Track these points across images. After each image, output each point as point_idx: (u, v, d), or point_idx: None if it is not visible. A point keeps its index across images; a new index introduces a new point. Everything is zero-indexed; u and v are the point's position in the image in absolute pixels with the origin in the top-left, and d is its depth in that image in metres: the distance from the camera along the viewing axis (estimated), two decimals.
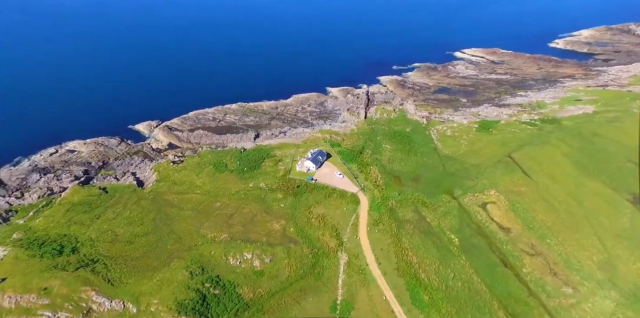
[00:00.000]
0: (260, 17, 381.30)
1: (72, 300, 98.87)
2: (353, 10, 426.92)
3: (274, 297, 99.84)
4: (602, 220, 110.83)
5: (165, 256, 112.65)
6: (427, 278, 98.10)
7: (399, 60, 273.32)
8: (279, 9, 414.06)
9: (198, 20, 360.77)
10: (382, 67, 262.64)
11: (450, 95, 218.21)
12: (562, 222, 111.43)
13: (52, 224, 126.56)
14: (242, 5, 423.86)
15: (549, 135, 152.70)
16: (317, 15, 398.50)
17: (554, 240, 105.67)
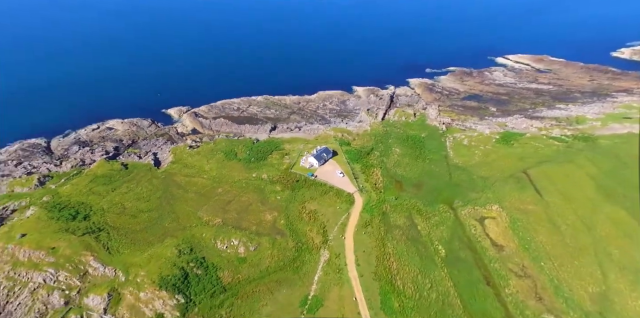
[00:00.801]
0: (302, 14, 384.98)
1: (73, 262, 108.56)
2: (397, 9, 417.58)
3: (251, 284, 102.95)
4: (610, 250, 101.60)
5: (161, 233, 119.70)
6: (402, 286, 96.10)
7: (435, 63, 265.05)
8: (321, 6, 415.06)
9: (240, 17, 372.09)
10: (415, 69, 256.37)
11: (479, 102, 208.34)
12: (564, 246, 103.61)
13: (75, 192, 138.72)
14: (287, 2, 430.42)
15: (577, 154, 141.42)
16: (358, 14, 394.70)
17: (549, 264, 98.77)
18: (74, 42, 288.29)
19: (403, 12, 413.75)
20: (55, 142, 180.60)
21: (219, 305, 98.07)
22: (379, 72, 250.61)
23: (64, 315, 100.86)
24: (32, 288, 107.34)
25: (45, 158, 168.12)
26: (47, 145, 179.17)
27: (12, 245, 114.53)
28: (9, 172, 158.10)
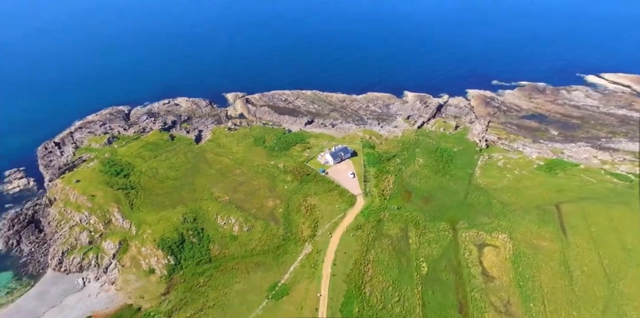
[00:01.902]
0: (374, 14, 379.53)
1: (103, 210, 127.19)
2: (475, 13, 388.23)
3: (233, 261, 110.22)
4: (626, 310, 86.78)
5: (177, 200, 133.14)
6: (369, 293, 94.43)
7: (506, 75, 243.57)
8: (393, 8, 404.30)
9: (312, 14, 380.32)
10: (481, 79, 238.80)
11: (541, 123, 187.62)
12: (568, 293, 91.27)
13: (127, 153, 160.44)
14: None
15: (638, 197, 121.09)
16: (433, 17, 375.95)
17: (539, 306, 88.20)
18: (166, 33, 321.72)
19: (482, 15, 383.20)
20: (134, 111, 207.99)
21: (200, 273, 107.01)
22: (437, 78, 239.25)
23: (86, 252, 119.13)
24: (71, 225, 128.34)
25: (122, 123, 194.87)
26: (128, 112, 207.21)
27: (68, 187, 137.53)
28: (94, 130, 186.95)
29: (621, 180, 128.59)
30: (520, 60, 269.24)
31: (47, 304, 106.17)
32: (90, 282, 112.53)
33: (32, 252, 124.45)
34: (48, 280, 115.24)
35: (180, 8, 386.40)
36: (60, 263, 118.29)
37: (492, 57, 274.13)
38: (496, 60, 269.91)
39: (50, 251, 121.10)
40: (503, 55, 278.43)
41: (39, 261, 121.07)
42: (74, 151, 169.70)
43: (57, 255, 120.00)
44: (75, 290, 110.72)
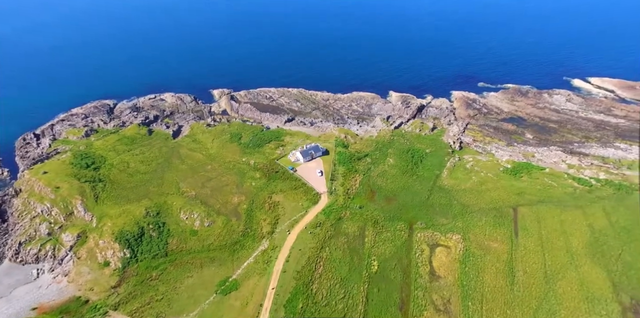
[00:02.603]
0: (366, 12, 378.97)
1: (65, 202, 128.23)
2: (466, 14, 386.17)
3: (189, 256, 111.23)
4: (557, 310, 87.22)
5: (143, 194, 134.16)
6: (316, 290, 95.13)
7: (493, 77, 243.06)
8: (387, 7, 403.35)
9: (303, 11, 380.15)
10: (468, 80, 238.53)
11: (518, 126, 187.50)
12: (507, 293, 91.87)
13: (102, 146, 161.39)
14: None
15: (594, 201, 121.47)
16: (424, 18, 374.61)
17: (476, 305, 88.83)
18: (161, 31, 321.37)
19: (473, 16, 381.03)
20: (120, 105, 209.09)
21: (155, 266, 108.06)
22: (424, 79, 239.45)
23: (43, 243, 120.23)
24: (33, 216, 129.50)
25: (104, 116, 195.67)
26: (113, 106, 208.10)
27: (34, 178, 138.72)
28: (75, 123, 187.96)
29: (581, 185, 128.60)
30: (510, 63, 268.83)
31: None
32: (45, 273, 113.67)
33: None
34: (3, 271, 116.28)
35: (177, 7, 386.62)
36: (17, 254, 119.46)
37: (481, 59, 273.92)
38: (485, 62, 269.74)
39: (9, 242, 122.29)
40: (492, 57, 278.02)
41: None
42: (50, 143, 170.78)
43: (15, 245, 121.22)
44: (28, 281, 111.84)
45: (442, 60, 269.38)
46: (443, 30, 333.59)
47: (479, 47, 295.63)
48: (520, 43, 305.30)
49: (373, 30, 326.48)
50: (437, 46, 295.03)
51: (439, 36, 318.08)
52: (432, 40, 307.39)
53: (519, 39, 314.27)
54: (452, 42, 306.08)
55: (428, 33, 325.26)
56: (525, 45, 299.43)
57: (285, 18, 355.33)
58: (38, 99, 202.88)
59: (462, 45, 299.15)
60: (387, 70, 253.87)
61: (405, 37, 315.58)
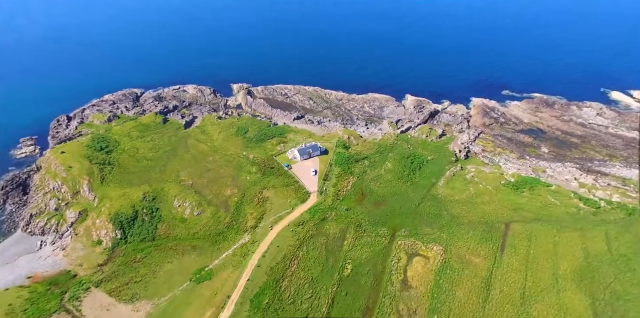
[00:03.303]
0: (392, 14, 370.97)
1: (75, 181, 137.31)
2: (496, 17, 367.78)
3: (174, 242, 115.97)
4: None
5: (145, 179, 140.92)
6: (285, 288, 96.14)
7: (521, 85, 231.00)
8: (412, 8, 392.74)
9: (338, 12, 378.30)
10: (492, 88, 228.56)
11: (536, 139, 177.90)
12: (477, 311, 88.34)
13: (119, 132, 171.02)
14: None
15: (597, 225, 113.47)
16: (451, 19, 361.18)
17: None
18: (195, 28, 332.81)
19: (503, 19, 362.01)
20: (147, 94, 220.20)
21: (141, 249, 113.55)
22: (445, 84, 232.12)
23: (50, 218, 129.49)
24: (46, 191, 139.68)
25: (129, 104, 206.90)
26: (140, 95, 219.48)
27: (53, 157, 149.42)
28: (103, 108, 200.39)
29: (588, 206, 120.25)
30: (542, 70, 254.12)
31: (2, 262, 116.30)
32: (47, 245, 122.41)
33: (12, 212, 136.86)
34: (14, 240, 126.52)
35: (209, 7, 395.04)
36: (27, 225, 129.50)
37: (511, 65, 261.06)
38: (514, 69, 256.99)
39: (23, 213, 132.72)
40: (524, 64, 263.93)
41: (14, 221, 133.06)
42: (77, 126, 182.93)
43: (27, 217, 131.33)
44: (32, 251, 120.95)
45: (468, 65, 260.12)
46: (473, 33, 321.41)
47: (511, 53, 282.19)
48: (557, 49, 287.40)
49: (398, 32, 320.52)
50: (465, 50, 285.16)
51: (468, 39, 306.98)
52: (460, 43, 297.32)
53: (556, 45, 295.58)
54: (483, 46, 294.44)
55: (456, 35, 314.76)
56: (564, 52, 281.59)
57: (314, 19, 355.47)
58: (79, 85, 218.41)
59: (493, 49, 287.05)
60: (408, 73, 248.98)
61: (432, 39, 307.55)
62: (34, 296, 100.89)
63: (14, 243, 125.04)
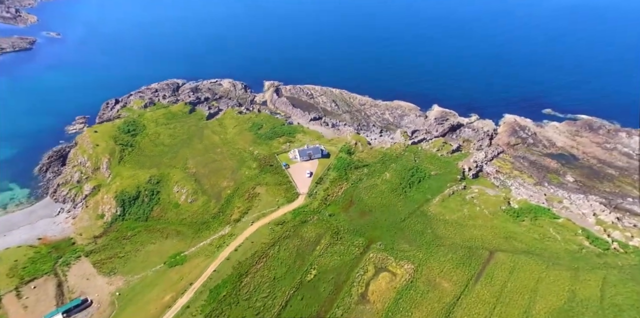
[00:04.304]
0: (436, 20, 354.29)
1: (97, 158, 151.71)
2: (552, 26, 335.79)
3: (162, 225, 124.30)
4: None
5: (157, 163, 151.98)
6: (245, 284, 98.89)
7: (567, 104, 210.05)
8: (455, 13, 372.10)
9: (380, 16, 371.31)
10: (532, 105, 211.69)
11: (563, 165, 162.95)
12: None
13: (149, 117, 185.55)
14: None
15: (597, 267, 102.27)
16: (500, 27, 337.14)
17: None
18: (245, 27, 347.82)
19: (562, 29, 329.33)
20: (187, 84, 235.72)
21: (132, 228, 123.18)
22: (481, 97, 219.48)
23: (72, 188, 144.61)
24: (74, 164, 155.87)
25: (168, 92, 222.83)
26: (181, 85, 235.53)
27: (87, 135, 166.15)
28: (145, 95, 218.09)
29: (594, 245, 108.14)
30: (598, 89, 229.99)
31: (27, 221, 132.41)
32: (63, 212, 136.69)
33: (49, 179, 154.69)
34: (43, 204, 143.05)
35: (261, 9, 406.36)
36: (54, 193, 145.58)
37: (562, 80, 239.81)
38: (564, 85, 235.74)
39: (54, 181, 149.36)
40: (577, 79, 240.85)
41: (47, 187, 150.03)
42: (119, 109, 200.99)
43: (55, 186, 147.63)
44: (51, 216, 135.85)
45: (510, 78, 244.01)
46: (522, 41, 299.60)
47: (564, 65, 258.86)
48: (621, 63, 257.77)
49: (440, 39, 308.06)
50: (510, 60, 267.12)
51: (516, 48, 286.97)
52: (506, 52, 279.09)
53: (621, 57, 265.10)
54: (532, 56, 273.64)
55: (504, 43, 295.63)
56: (629, 67, 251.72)
57: (357, 25, 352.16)
58: (135, 74, 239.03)
59: (543, 61, 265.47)
60: (441, 82, 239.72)
61: (475, 47, 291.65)
62: (36, 256, 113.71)
63: (42, 207, 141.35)
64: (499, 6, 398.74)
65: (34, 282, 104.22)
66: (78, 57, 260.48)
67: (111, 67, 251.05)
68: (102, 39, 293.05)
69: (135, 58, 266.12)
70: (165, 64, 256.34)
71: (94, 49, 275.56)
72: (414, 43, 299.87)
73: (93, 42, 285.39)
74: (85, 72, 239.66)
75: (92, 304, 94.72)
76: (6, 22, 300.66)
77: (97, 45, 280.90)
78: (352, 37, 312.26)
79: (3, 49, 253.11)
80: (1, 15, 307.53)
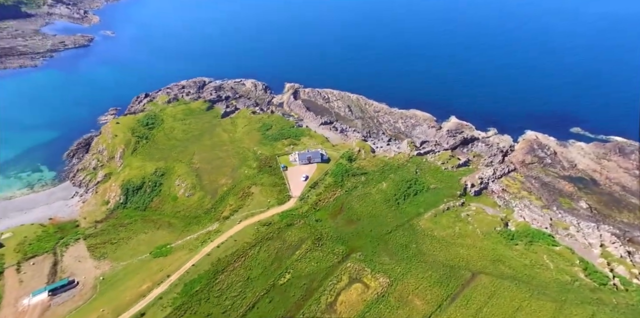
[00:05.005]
0: (472, 33, 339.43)
1: (114, 148, 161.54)
2: (593, 35, 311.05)
3: (158, 216, 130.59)
4: None
5: (164, 156, 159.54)
6: (219, 281, 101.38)
7: (601, 124, 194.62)
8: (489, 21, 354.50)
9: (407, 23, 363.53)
10: (560, 122, 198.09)
11: (580, 190, 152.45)
12: None
13: (169, 112, 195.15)
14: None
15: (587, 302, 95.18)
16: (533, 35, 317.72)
17: None
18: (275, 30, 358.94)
19: (602, 39, 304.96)
20: (212, 83, 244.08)
21: (130, 216, 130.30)
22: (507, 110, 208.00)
23: (87, 174, 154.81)
24: (93, 152, 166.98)
25: (193, 90, 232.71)
26: (207, 83, 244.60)
27: (110, 125, 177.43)
28: (172, 91, 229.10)
29: (590, 279, 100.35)
30: None
31: (45, 201, 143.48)
32: (77, 196, 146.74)
33: (73, 164, 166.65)
34: (63, 187, 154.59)
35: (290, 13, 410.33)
36: (73, 177, 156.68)
37: (600, 97, 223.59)
38: (600, 102, 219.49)
39: (76, 166, 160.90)
40: (616, 99, 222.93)
41: (69, 172, 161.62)
42: (145, 103, 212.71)
43: (75, 171, 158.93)
44: (67, 198, 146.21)
45: (541, 91, 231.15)
46: (558, 53, 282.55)
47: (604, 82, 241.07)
48: None
49: (468, 48, 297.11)
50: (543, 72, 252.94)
51: (549, 59, 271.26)
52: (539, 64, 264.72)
53: None
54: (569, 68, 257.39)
55: (537, 55, 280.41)
56: None
57: (384, 32, 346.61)
58: (172, 70, 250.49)
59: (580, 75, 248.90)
60: (464, 93, 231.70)
61: (506, 57, 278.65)
62: (43, 235, 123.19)
63: (61, 189, 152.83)
64: (532, 14, 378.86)
65: (34, 258, 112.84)
66: (125, 53, 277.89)
67: (152, 63, 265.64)
68: (149, 38, 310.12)
69: (175, 56, 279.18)
70: (198, 63, 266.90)
71: (141, 47, 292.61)
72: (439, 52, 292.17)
73: (141, 41, 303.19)
74: (128, 67, 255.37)
75: (78, 285, 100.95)
76: (75, 22, 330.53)
77: (143, 44, 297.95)
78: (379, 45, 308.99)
79: (66, 45, 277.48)
80: (72, 16, 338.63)
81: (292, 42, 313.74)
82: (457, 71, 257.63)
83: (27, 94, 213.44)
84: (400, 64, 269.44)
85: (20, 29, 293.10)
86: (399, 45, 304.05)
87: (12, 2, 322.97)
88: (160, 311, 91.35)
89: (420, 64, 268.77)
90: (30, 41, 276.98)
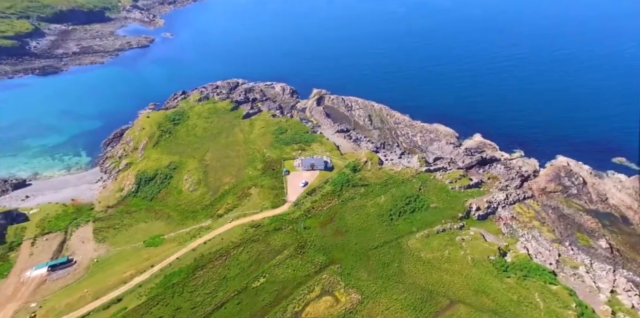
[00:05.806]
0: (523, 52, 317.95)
1: (139, 140, 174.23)
2: None
3: (161, 207, 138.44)
4: None
5: (181, 151, 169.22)
6: (196, 277, 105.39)
7: None
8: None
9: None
10: (601, 150, 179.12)
11: (604, 227, 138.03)
12: None
13: (197, 110, 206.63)
14: None
15: None
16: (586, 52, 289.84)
17: None
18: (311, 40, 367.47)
19: None
20: (244, 85, 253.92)
21: (137, 205, 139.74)
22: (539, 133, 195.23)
23: (113, 162, 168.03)
24: (122, 143, 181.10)
25: (223, 90, 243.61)
26: (240, 84, 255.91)
27: (140, 118, 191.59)
28: (205, 90, 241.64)
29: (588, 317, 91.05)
30: None
31: (73, 184, 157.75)
32: (100, 181, 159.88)
33: (107, 152, 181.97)
34: (92, 172, 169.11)
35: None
36: (102, 164, 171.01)
37: None
38: None
39: (106, 154, 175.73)
40: None
41: (101, 158, 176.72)
42: (179, 100, 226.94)
43: (104, 158, 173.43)
44: (92, 182, 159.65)
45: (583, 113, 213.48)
46: (605, 72, 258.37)
47: None
48: None
49: (508, 65, 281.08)
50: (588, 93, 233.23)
51: (595, 79, 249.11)
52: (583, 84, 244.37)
53: None
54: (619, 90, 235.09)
55: (580, 73, 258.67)
56: None
57: (420, 45, 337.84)
58: (215, 71, 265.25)
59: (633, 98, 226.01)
60: (495, 109, 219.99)
61: (546, 74, 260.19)
62: (62, 214, 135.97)
63: (91, 174, 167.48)
64: (578, 28, 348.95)
65: (49, 234, 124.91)
66: (177, 54, 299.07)
67: (199, 63, 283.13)
68: (202, 41, 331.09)
69: (220, 58, 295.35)
70: (239, 65, 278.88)
71: (192, 48, 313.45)
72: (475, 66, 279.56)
73: (193, 43, 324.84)
74: (176, 66, 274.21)
75: (74, 264, 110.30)
76: (144, 25, 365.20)
77: (195, 45, 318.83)
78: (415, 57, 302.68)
79: (131, 45, 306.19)
80: (142, 20, 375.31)
81: (334, 50, 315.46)
82: (496, 89, 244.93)
83: (89, 87, 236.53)
84: (432, 77, 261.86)
85: (101, 31, 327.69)
86: (441, 59, 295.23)
87: (99, 8, 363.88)
88: (135, 299, 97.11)
89: (454, 79, 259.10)
90: (104, 41, 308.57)
